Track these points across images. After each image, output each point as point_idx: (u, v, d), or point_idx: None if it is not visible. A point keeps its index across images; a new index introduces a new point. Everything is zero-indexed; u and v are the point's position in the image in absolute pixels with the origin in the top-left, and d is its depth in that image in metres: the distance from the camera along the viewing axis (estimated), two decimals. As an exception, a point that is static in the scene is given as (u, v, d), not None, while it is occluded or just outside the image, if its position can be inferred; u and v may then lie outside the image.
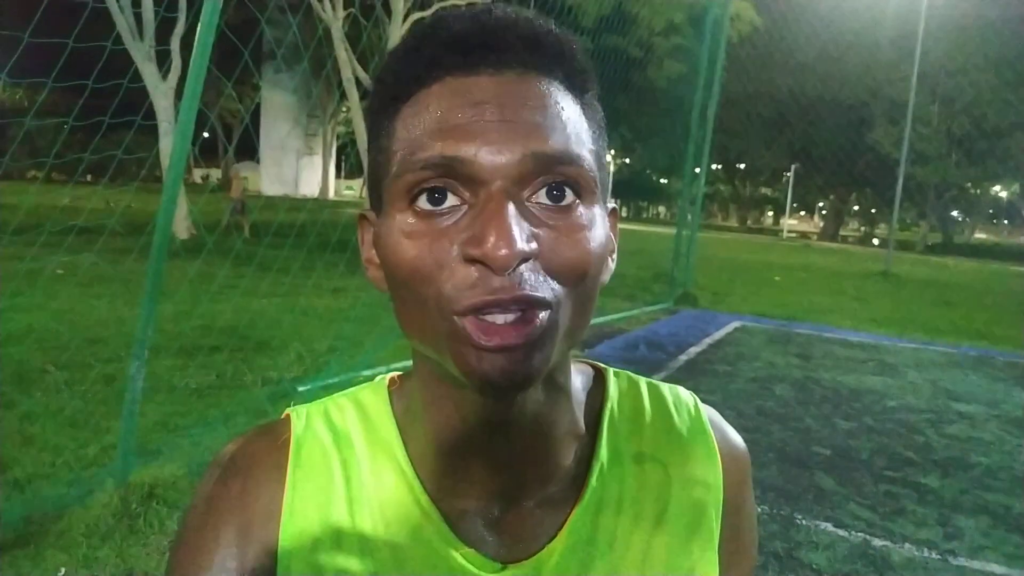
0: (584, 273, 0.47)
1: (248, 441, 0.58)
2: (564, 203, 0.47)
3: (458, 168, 0.45)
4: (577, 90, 0.51)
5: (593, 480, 0.57)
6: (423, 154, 0.46)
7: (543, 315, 0.45)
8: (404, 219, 0.47)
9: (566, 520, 0.56)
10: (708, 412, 0.65)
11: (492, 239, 0.43)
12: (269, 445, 0.57)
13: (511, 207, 0.44)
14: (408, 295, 0.47)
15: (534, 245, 0.44)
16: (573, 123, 0.48)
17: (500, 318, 0.44)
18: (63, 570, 2.58)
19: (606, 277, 0.53)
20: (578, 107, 0.50)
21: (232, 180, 14.30)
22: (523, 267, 0.44)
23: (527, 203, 0.46)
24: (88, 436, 3.70)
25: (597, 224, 0.49)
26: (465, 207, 0.46)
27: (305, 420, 0.59)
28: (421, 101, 0.48)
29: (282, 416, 0.60)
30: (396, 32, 12.65)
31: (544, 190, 0.46)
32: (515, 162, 0.45)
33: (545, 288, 0.45)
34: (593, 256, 0.47)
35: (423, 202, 0.46)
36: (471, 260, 0.44)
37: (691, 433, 0.62)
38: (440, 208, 0.46)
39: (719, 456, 0.62)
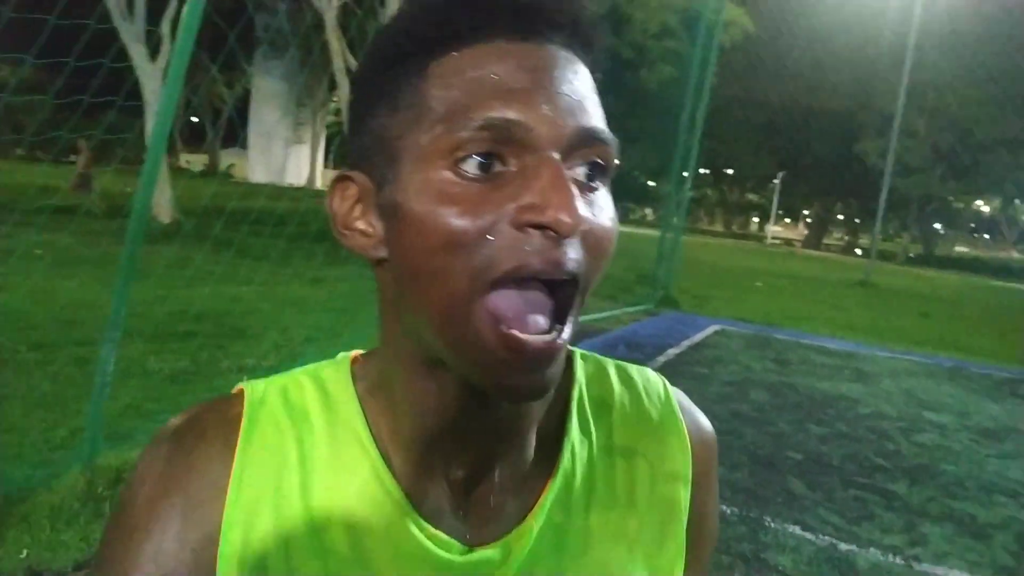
0: (609, 253, 0.48)
1: (196, 415, 0.55)
2: (593, 183, 0.48)
3: (515, 133, 0.44)
4: (595, 74, 0.51)
5: (565, 462, 0.56)
6: (481, 113, 0.44)
7: (569, 324, 0.46)
8: (440, 180, 0.45)
9: (536, 503, 0.55)
10: (677, 395, 0.64)
11: (556, 205, 0.42)
12: (218, 419, 0.54)
13: (567, 174, 0.44)
14: (434, 266, 0.45)
15: (588, 216, 0.45)
16: (600, 105, 0.49)
17: (533, 331, 0.45)
18: (26, 552, 2.55)
19: None
20: (597, 93, 0.50)
21: (80, 152, 13.65)
22: (574, 238, 0.45)
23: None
24: (57, 418, 3.66)
25: (611, 205, 0.49)
26: (511, 175, 0.45)
27: (261, 395, 0.56)
28: (467, 59, 0.46)
29: (234, 390, 0.57)
30: (389, 23, 12.57)
31: (582, 168, 0.47)
32: (568, 134, 0.45)
33: (582, 262, 0.45)
34: (615, 236, 0.48)
35: (469, 165, 0.44)
36: (527, 226, 0.43)
37: (661, 418, 0.61)
38: (487, 174, 0.44)
39: (689, 442, 0.61)
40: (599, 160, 0.47)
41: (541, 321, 0.45)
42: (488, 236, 0.43)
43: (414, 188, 0.45)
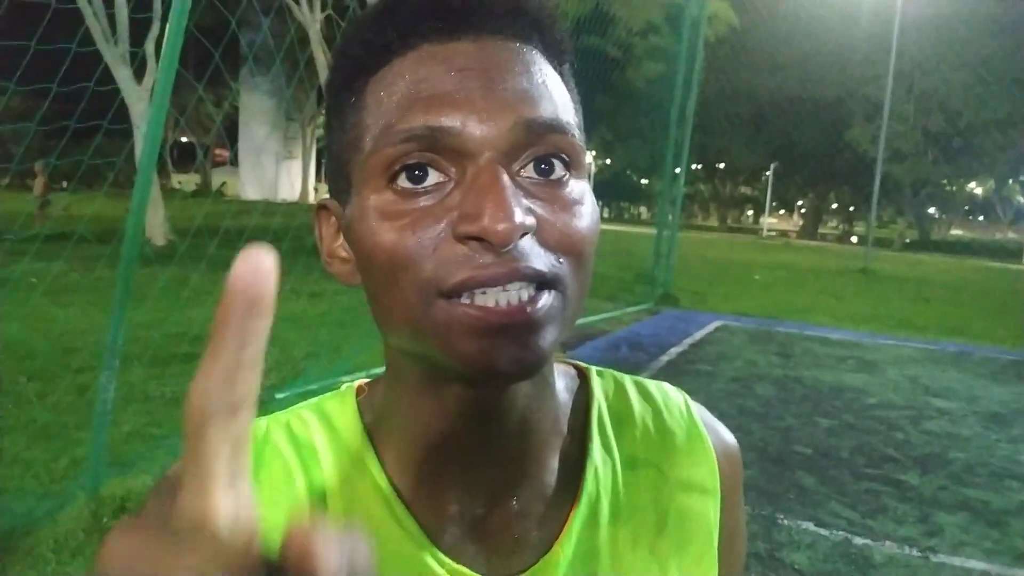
0: (582, 249, 0.44)
1: None
2: (554, 177, 0.44)
3: (443, 140, 0.42)
4: (556, 60, 0.48)
5: (589, 485, 0.54)
6: (404, 125, 0.43)
7: (548, 294, 0.42)
8: (381, 199, 0.44)
9: (562, 530, 0.53)
10: (699, 410, 0.62)
11: (489, 213, 0.40)
12: None
13: (505, 178, 0.41)
14: (386, 284, 0.44)
15: (532, 220, 0.41)
16: (557, 92, 0.46)
17: (503, 298, 0.41)
18: (32, 587, 2.51)
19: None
20: (558, 77, 0.48)
21: (37, 177, 13.92)
22: (522, 242, 0.41)
23: (517, 177, 0.43)
24: (59, 448, 3.62)
25: (588, 198, 0.46)
26: (451, 184, 0.43)
27: (264, 433, 0.54)
28: (396, 71, 0.45)
29: None
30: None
31: (532, 164, 0.44)
32: (505, 132, 0.42)
33: (546, 262, 0.42)
34: (589, 231, 0.45)
35: (403, 180, 0.43)
36: (465, 238, 0.41)
37: (685, 435, 0.59)
38: (422, 186, 0.43)
39: (715, 458, 0.59)
40: (559, 152, 0.44)
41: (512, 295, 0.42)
42: (433, 250, 0.42)
43: (361, 210, 0.45)
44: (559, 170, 0.44)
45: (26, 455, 3.53)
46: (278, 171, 34.62)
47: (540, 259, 0.42)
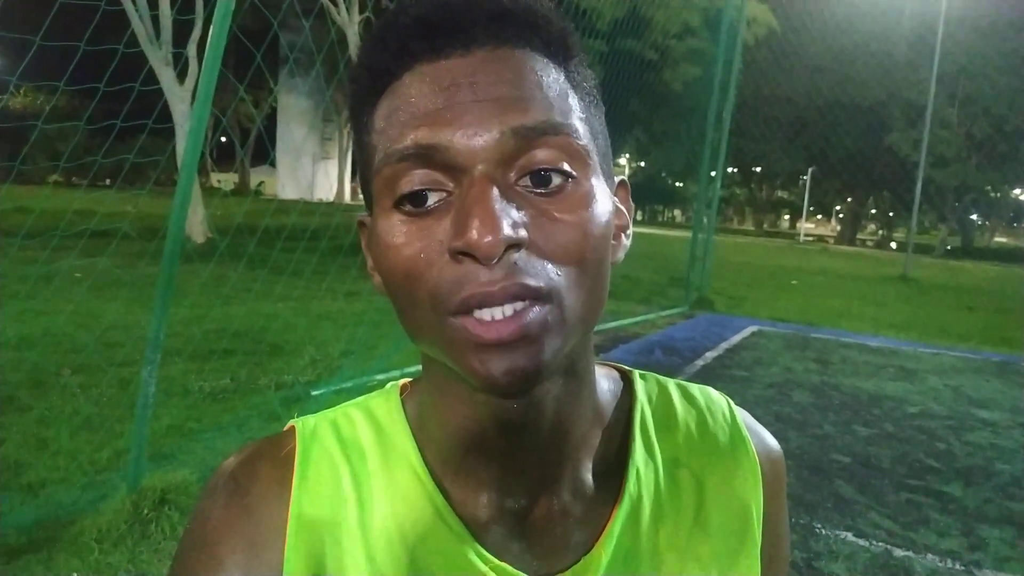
0: (582, 256, 0.44)
1: (249, 456, 0.54)
2: (554, 185, 0.44)
3: (436, 157, 0.43)
4: (559, 57, 0.48)
5: (631, 486, 0.54)
6: (398, 145, 0.44)
7: (539, 307, 0.42)
8: (391, 219, 0.45)
9: (603, 530, 0.53)
10: (742, 415, 0.62)
11: (475, 227, 0.40)
12: (272, 459, 0.54)
13: (494, 191, 0.41)
14: (404, 298, 0.45)
15: (523, 232, 0.41)
16: (556, 91, 0.45)
17: (499, 312, 0.41)
18: (75, 575, 2.57)
19: (620, 255, 0.51)
20: (561, 75, 0.47)
21: None
22: (514, 255, 0.41)
23: (515, 187, 0.43)
24: (102, 440, 3.70)
25: (596, 199, 0.45)
26: (451, 200, 0.43)
27: (312, 431, 0.55)
28: (394, 93, 0.46)
29: (286, 427, 0.57)
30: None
31: (529, 175, 0.44)
32: (494, 142, 0.42)
33: (541, 276, 0.42)
34: (591, 237, 0.44)
35: (407, 200, 0.44)
36: (457, 253, 0.41)
37: (728, 438, 0.59)
38: (425, 207, 0.44)
39: (758, 463, 0.59)
40: (556, 153, 0.44)
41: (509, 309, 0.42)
42: (435, 266, 0.43)
43: (377, 227, 0.46)
44: (557, 178, 0.44)
45: (70, 446, 3.61)
46: (315, 171, 35.03)
47: (534, 274, 0.42)
